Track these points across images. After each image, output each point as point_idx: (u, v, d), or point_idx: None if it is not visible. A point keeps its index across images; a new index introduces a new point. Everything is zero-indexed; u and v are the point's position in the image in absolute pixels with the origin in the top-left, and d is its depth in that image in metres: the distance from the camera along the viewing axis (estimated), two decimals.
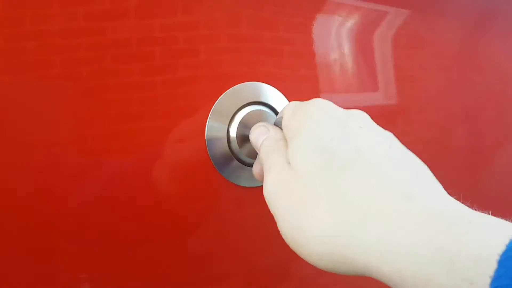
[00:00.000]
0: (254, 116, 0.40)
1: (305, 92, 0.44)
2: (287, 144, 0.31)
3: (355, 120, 0.29)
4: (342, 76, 0.47)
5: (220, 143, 0.39)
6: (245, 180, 0.41)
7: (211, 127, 0.39)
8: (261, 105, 0.41)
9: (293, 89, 0.43)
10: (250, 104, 0.40)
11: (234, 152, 0.40)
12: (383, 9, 0.50)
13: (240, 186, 0.41)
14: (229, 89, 0.40)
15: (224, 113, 0.39)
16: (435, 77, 0.55)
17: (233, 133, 0.40)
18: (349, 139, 0.27)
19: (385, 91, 0.50)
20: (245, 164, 0.40)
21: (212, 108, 0.39)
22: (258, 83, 0.41)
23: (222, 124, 0.39)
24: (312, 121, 0.29)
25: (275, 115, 0.41)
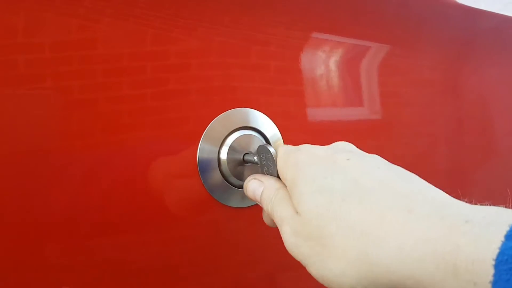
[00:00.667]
0: (244, 140, 0.42)
1: (293, 117, 0.47)
2: (286, 191, 0.33)
3: (341, 154, 0.31)
4: (329, 105, 0.50)
5: (211, 165, 0.42)
6: (234, 201, 0.43)
7: (202, 149, 0.41)
8: (250, 129, 0.43)
9: (281, 114, 0.46)
10: (240, 129, 0.43)
11: (224, 174, 0.42)
12: (367, 44, 0.53)
13: (229, 206, 0.43)
14: (220, 115, 0.42)
15: (215, 137, 0.42)
16: (418, 100, 0.59)
17: (224, 156, 0.42)
18: (341, 173, 0.29)
19: (370, 109, 0.53)
20: (234, 186, 0.43)
21: (204, 132, 0.41)
22: (248, 109, 0.44)
23: (213, 147, 0.42)
24: (304, 167, 0.31)
25: (263, 138, 0.44)
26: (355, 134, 0.52)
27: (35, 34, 0.34)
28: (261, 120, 0.44)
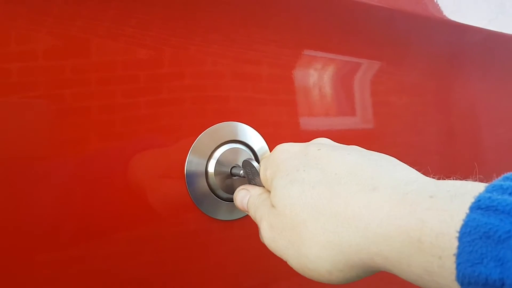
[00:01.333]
0: (232, 153, 0.43)
1: (282, 130, 0.48)
2: (269, 194, 0.34)
3: (313, 146, 0.32)
4: (319, 119, 0.50)
5: (198, 178, 0.42)
6: (222, 213, 0.44)
7: (190, 162, 0.42)
8: (238, 143, 0.44)
9: (270, 127, 0.47)
10: (228, 142, 0.43)
11: (211, 187, 0.43)
12: (358, 60, 0.54)
13: (216, 219, 0.43)
14: (208, 128, 0.43)
15: (203, 150, 0.42)
16: (408, 111, 0.59)
17: (211, 169, 0.42)
18: (312, 163, 0.30)
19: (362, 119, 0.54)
20: (222, 199, 0.43)
21: (192, 145, 0.42)
22: (236, 122, 0.44)
23: (201, 160, 0.42)
24: (279, 164, 0.32)
25: (251, 152, 0.44)
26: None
27: (27, 42, 0.35)
28: (249, 134, 0.45)
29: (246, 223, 0.45)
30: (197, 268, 0.43)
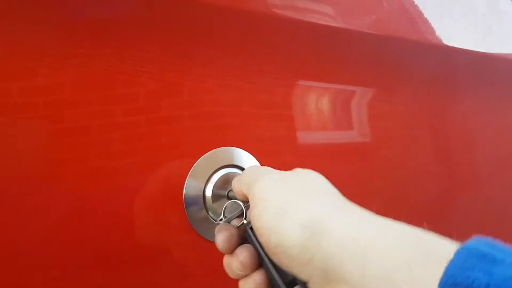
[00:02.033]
0: (229, 177, 0.45)
1: (278, 155, 0.50)
2: None
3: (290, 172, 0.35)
4: (313, 147, 0.52)
5: (196, 201, 0.44)
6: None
7: (189, 186, 0.43)
8: (234, 167, 0.46)
9: (266, 152, 0.48)
10: (225, 167, 0.45)
11: (209, 210, 0.44)
12: (353, 88, 0.56)
13: (213, 242, 0.45)
14: (206, 153, 0.44)
15: (201, 174, 0.44)
16: (401, 133, 0.61)
17: (209, 192, 0.44)
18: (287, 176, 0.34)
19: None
20: (216, 221, 0.45)
21: (191, 169, 0.43)
22: (233, 147, 0.46)
23: (199, 183, 0.44)
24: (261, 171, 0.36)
25: None
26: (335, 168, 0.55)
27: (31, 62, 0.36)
28: (245, 158, 0.46)
29: None
30: (189, 283, 0.45)
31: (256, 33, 0.46)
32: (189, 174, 0.43)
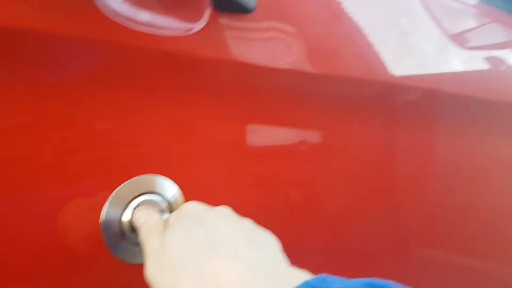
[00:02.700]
0: (146, 204, 0.47)
1: (200, 184, 0.52)
2: (165, 227, 0.40)
3: (213, 212, 0.40)
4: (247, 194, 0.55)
5: (114, 226, 0.46)
6: (134, 258, 0.48)
7: (108, 211, 0.46)
8: (154, 194, 0.49)
9: (190, 181, 0.51)
10: (144, 194, 0.48)
11: (126, 234, 0.47)
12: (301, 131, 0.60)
13: (129, 263, 0.48)
14: (128, 180, 0.47)
15: (120, 201, 0.47)
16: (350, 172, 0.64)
17: (126, 218, 0.47)
18: (207, 225, 0.37)
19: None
20: (134, 244, 0.47)
21: (111, 195, 0.46)
22: (153, 175, 0.49)
23: (118, 209, 0.47)
24: (184, 214, 0.40)
25: (166, 202, 0.49)
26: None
27: None
28: (166, 185, 0.49)
29: None
30: None
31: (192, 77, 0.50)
32: (108, 201, 0.46)
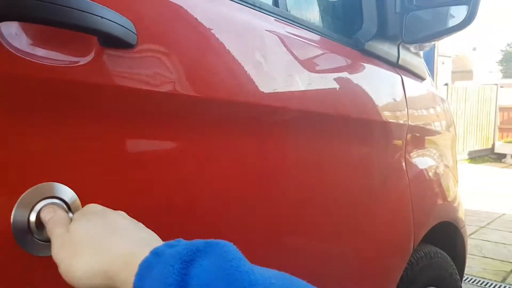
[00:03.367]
0: (50, 205, 0.58)
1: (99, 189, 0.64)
2: (69, 221, 0.54)
3: (110, 211, 0.55)
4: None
5: (22, 225, 0.56)
6: (42, 251, 0.58)
7: (15, 215, 0.56)
8: (56, 199, 0.59)
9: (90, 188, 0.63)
10: (49, 198, 0.58)
11: (33, 232, 0.57)
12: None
13: (37, 256, 0.57)
14: (33, 187, 0.57)
15: (26, 204, 0.57)
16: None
17: (33, 218, 0.57)
18: (109, 221, 0.51)
19: None
20: (41, 240, 0.57)
21: (18, 200, 0.56)
22: (55, 183, 0.60)
23: (25, 211, 0.56)
24: (84, 211, 0.54)
25: (65, 206, 0.60)
26: None
27: None
28: (65, 191, 0.60)
29: None
30: None
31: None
32: (16, 205, 0.56)
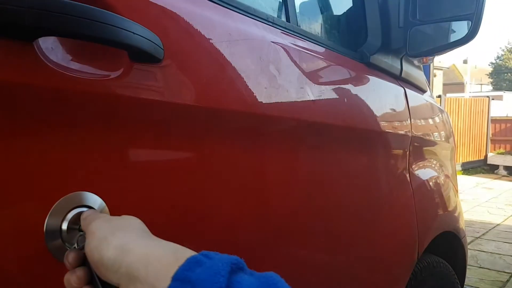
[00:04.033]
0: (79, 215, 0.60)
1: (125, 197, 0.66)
2: None
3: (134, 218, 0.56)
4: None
5: (55, 234, 0.58)
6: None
7: (48, 221, 0.58)
8: (86, 207, 0.61)
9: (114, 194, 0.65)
10: (78, 207, 0.61)
11: (64, 239, 0.59)
12: None
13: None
14: (64, 197, 0.59)
15: (58, 213, 0.59)
16: None
17: (65, 226, 0.59)
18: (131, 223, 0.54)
19: None
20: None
21: (51, 209, 0.58)
22: (85, 192, 0.62)
23: (57, 219, 0.58)
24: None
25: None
26: None
27: None
28: (94, 200, 0.62)
29: None
30: None
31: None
32: (49, 213, 0.58)
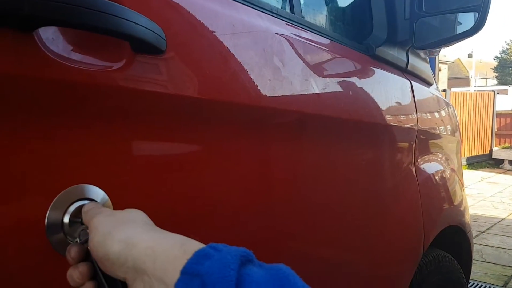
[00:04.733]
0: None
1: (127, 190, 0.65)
2: None
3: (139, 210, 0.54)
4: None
5: (56, 227, 0.57)
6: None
7: (50, 215, 0.56)
8: (89, 200, 0.60)
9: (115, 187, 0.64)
10: (80, 200, 0.59)
11: (66, 233, 0.58)
12: None
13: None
14: (66, 189, 0.58)
15: (60, 205, 0.57)
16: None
17: (66, 219, 0.58)
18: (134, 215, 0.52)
19: None
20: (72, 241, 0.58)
21: (52, 202, 0.57)
22: (87, 185, 0.61)
23: (59, 212, 0.57)
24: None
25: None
26: None
27: None
28: (96, 193, 0.61)
29: None
30: None
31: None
32: (50, 206, 0.57)
